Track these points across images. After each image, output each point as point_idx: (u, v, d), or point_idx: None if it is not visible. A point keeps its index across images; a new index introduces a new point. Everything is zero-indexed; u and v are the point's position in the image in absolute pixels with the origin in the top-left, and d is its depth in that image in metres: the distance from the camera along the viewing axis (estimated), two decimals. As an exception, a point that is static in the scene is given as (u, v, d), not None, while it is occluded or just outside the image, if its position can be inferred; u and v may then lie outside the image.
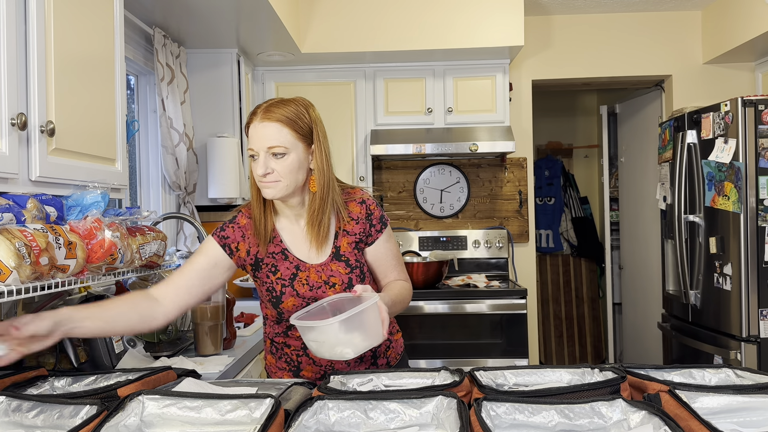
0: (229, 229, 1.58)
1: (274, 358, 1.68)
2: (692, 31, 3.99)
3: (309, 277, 1.56)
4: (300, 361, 1.62)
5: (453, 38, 3.43)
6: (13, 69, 1.35)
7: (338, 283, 1.56)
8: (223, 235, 1.57)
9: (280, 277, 1.56)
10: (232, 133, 3.26)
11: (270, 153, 1.47)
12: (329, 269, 1.57)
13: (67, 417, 1.05)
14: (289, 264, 1.57)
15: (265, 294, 1.59)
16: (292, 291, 1.55)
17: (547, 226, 5.26)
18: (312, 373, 1.62)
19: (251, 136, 1.49)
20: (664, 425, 0.91)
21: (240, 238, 1.58)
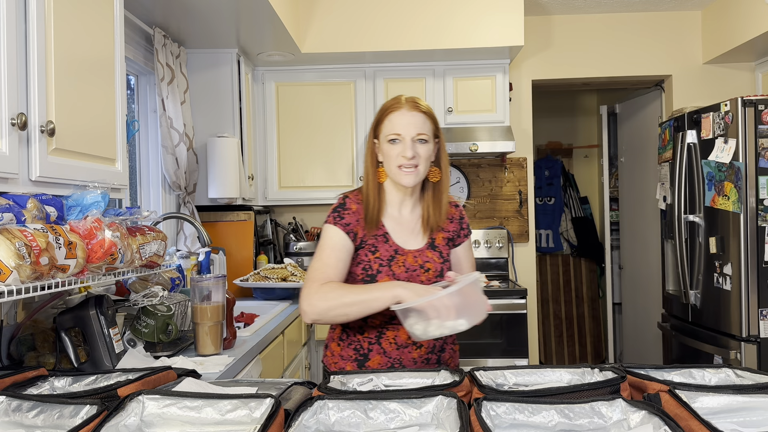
0: (347, 215, 1.65)
1: (339, 347, 1.72)
2: (692, 31, 3.99)
3: (406, 261, 1.66)
4: (371, 350, 1.67)
5: (453, 38, 3.43)
6: (13, 69, 1.36)
7: (432, 269, 1.68)
8: (344, 223, 1.64)
9: (379, 257, 1.65)
10: (232, 133, 3.26)
11: (416, 139, 1.61)
12: (425, 255, 1.68)
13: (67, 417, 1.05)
14: (388, 247, 1.66)
15: (359, 273, 1.65)
16: (388, 271, 1.64)
17: (547, 226, 5.26)
18: (379, 365, 1.67)
19: (397, 121, 1.61)
20: (664, 425, 0.91)
21: (356, 223, 1.65)
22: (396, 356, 1.67)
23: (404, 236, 1.69)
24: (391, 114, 1.63)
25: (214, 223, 3.40)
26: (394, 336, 1.67)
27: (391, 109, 1.63)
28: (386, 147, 1.63)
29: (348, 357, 1.70)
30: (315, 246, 3.72)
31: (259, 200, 3.72)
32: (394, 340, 1.67)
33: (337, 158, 3.74)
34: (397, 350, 1.67)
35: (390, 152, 1.62)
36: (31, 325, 1.79)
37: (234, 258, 3.39)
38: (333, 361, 1.74)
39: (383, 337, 1.67)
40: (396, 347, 1.67)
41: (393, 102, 1.65)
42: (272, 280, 3.11)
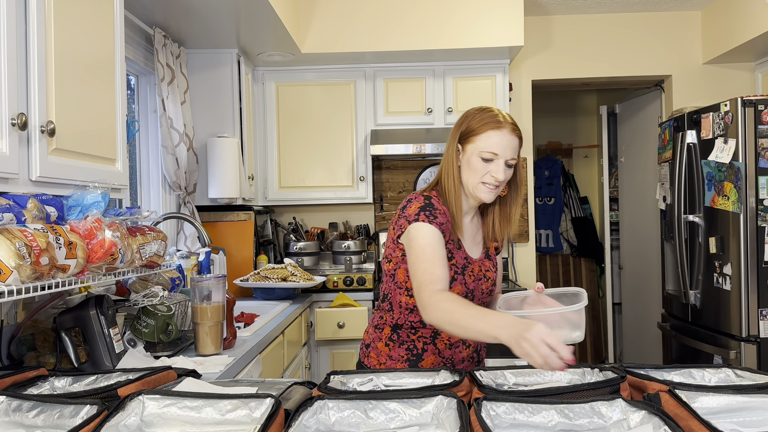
0: (439, 216, 1.60)
1: (389, 348, 1.70)
2: (692, 31, 3.99)
3: (474, 270, 1.68)
4: (425, 350, 1.68)
5: (453, 38, 3.43)
6: (13, 69, 1.36)
7: (491, 278, 1.71)
8: (439, 223, 1.59)
9: (455, 264, 1.64)
10: (232, 133, 3.26)
11: (507, 163, 1.61)
12: (485, 265, 1.71)
13: (67, 417, 1.05)
14: (461, 254, 1.66)
15: None
16: (462, 279, 1.64)
17: (547, 226, 5.26)
18: (432, 364, 1.68)
19: (498, 141, 1.59)
20: (663, 425, 0.91)
21: (447, 223, 1.63)
22: (448, 355, 1.69)
23: (469, 244, 1.71)
24: (493, 131, 1.59)
25: (214, 223, 3.40)
26: (449, 336, 1.67)
27: (494, 126, 1.60)
28: (475, 161, 1.60)
29: (398, 358, 1.69)
30: (315, 246, 3.74)
31: (259, 200, 3.72)
32: (448, 339, 1.68)
33: (337, 158, 3.74)
34: (449, 349, 1.68)
35: (479, 168, 1.60)
36: (32, 325, 1.79)
37: (234, 258, 3.39)
38: (381, 361, 1.70)
39: (438, 338, 1.68)
40: (449, 347, 1.68)
41: (494, 118, 1.61)
42: (272, 280, 3.11)
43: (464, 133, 1.63)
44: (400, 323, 1.69)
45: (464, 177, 1.63)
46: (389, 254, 1.69)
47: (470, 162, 1.61)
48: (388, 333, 1.71)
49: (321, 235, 3.96)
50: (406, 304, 1.67)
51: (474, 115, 1.64)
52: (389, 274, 1.70)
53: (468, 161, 1.61)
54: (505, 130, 1.60)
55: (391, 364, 1.69)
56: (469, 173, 1.62)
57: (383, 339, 1.71)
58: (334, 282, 3.49)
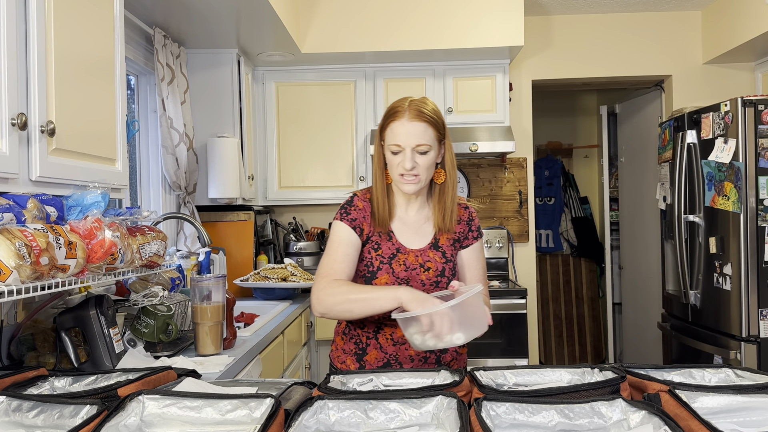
0: (353, 212, 1.68)
1: (343, 341, 1.76)
2: (692, 31, 3.99)
3: (407, 260, 1.68)
4: (368, 344, 1.71)
5: (453, 38, 3.43)
6: (13, 69, 1.36)
7: (433, 268, 1.69)
8: (350, 219, 1.67)
9: (381, 254, 1.67)
10: (232, 133, 3.26)
11: (417, 150, 1.60)
12: (427, 255, 1.69)
13: (67, 417, 1.05)
14: (391, 245, 1.69)
15: (360, 269, 1.68)
16: (388, 268, 1.66)
17: (547, 226, 5.26)
18: (375, 360, 1.70)
19: (398, 132, 1.60)
20: (664, 425, 0.91)
21: (363, 219, 1.69)
22: (392, 352, 1.69)
23: (409, 235, 1.71)
24: (393, 123, 1.61)
25: (214, 223, 3.40)
26: (391, 332, 1.69)
27: (393, 117, 1.61)
28: (389, 156, 1.64)
29: (349, 351, 1.74)
30: (315, 246, 3.74)
31: (259, 200, 3.72)
32: (390, 336, 1.69)
33: (337, 158, 3.74)
34: (393, 346, 1.69)
35: (392, 161, 1.63)
36: (32, 325, 1.79)
37: (234, 258, 3.39)
38: (336, 354, 1.78)
39: (381, 333, 1.70)
40: (392, 343, 1.69)
41: (397, 108, 1.62)
42: (272, 280, 3.11)
43: (379, 131, 1.67)
44: None
45: (389, 172, 1.67)
46: None
47: (387, 158, 1.65)
48: (343, 326, 1.78)
49: (321, 235, 3.96)
50: None
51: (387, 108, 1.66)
52: None
53: (387, 157, 1.65)
54: (403, 119, 1.59)
55: (344, 357, 1.74)
56: (389, 168, 1.66)
57: (340, 332, 1.79)
58: (334, 282, 3.48)
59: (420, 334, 1.39)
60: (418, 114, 1.59)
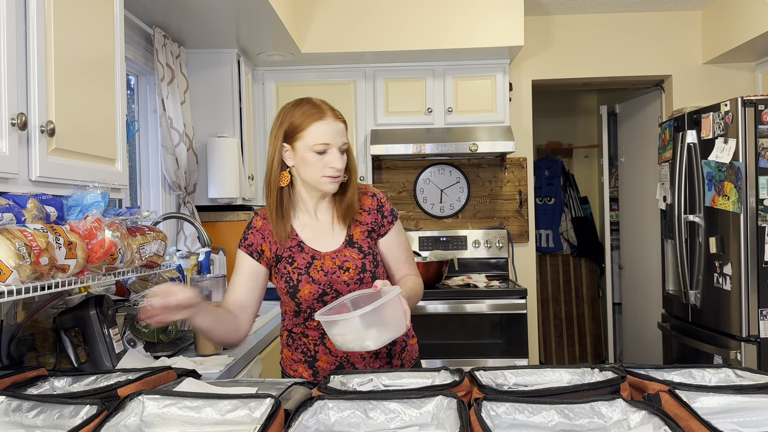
0: (250, 236, 1.68)
1: (290, 351, 1.72)
2: (692, 31, 3.99)
3: (324, 264, 1.64)
4: (317, 350, 1.67)
5: (453, 38, 3.43)
6: (13, 69, 1.36)
7: (352, 267, 1.64)
8: (247, 245, 1.67)
9: (297, 266, 1.64)
10: (232, 133, 3.26)
11: (341, 150, 1.61)
12: (343, 255, 1.65)
13: (67, 417, 1.05)
14: (305, 255, 1.65)
15: (283, 286, 1.65)
16: (308, 278, 1.62)
17: (547, 226, 5.26)
18: (327, 364, 1.67)
19: (325, 131, 1.57)
20: (664, 425, 0.91)
21: (261, 240, 1.66)
22: (342, 354, 1.66)
23: (321, 240, 1.67)
24: (318, 122, 1.57)
25: (214, 223, 3.40)
26: None
27: (318, 117, 1.58)
28: (310, 156, 1.57)
29: (299, 360, 1.70)
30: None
31: (259, 200, 3.72)
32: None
33: (337, 158, 3.74)
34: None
35: (317, 162, 1.57)
36: (31, 325, 1.79)
37: (234, 258, 3.38)
38: (287, 363, 1.74)
39: (326, 338, 1.65)
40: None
41: (315, 108, 1.59)
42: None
43: (289, 132, 1.60)
44: (289, 328, 1.72)
45: (303, 175, 1.61)
46: None
47: (305, 159, 1.58)
48: (285, 337, 1.74)
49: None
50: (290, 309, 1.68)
51: (292, 111, 1.61)
52: None
53: (302, 159, 1.58)
54: (329, 119, 1.59)
55: (296, 366, 1.70)
56: (308, 169, 1.59)
57: (284, 344, 1.76)
58: (334, 282, 3.49)
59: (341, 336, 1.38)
60: (338, 114, 1.63)
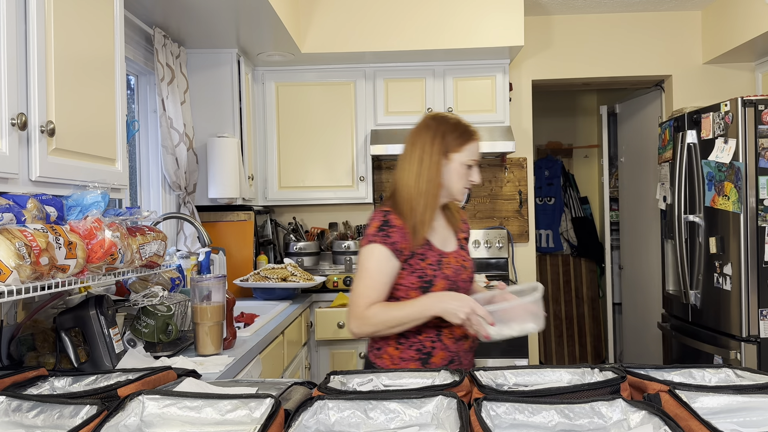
0: (393, 234, 1.72)
1: (399, 350, 1.78)
2: (692, 31, 3.99)
3: (450, 263, 1.79)
4: (433, 347, 1.76)
5: (453, 38, 3.43)
6: (13, 69, 1.36)
7: (468, 267, 1.85)
8: (392, 242, 1.71)
9: (430, 263, 1.75)
10: (232, 133, 3.26)
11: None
12: (461, 256, 1.84)
13: (67, 417, 1.05)
14: (434, 253, 1.77)
15: (415, 281, 1.73)
16: (441, 273, 1.75)
17: (547, 226, 5.26)
18: (441, 360, 1.77)
19: (477, 150, 1.80)
20: (664, 425, 0.91)
21: (402, 239, 1.73)
22: (455, 350, 1.78)
23: (443, 241, 1.82)
24: (474, 143, 1.78)
25: (214, 223, 3.40)
26: (451, 331, 1.77)
27: (473, 138, 1.79)
28: (460, 169, 1.77)
29: (410, 358, 1.76)
30: (315, 246, 3.74)
31: (259, 200, 3.72)
32: (451, 334, 1.77)
33: (337, 158, 3.74)
34: (455, 344, 1.78)
35: (462, 174, 1.77)
36: (31, 325, 1.79)
37: (234, 258, 3.39)
38: (393, 362, 1.79)
39: (442, 334, 1.76)
40: (455, 341, 1.78)
41: (472, 130, 1.80)
42: (272, 280, 3.11)
43: (448, 146, 1.76)
44: None
45: (449, 184, 1.78)
46: None
47: (456, 170, 1.77)
48: (395, 337, 1.78)
49: (321, 235, 3.96)
50: None
51: (448, 127, 1.78)
52: None
53: (454, 170, 1.77)
54: (478, 140, 1.81)
55: (404, 365, 1.78)
56: (454, 180, 1.78)
57: (392, 344, 1.79)
58: (334, 282, 3.49)
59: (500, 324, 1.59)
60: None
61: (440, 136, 1.76)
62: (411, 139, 1.80)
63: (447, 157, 1.76)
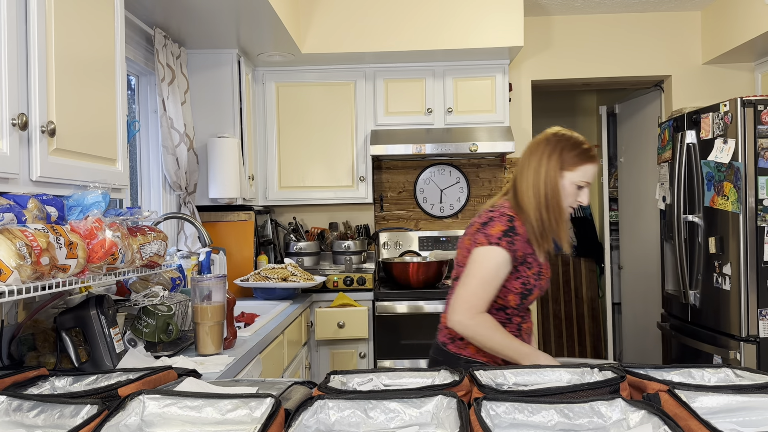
0: (518, 242, 1.76)
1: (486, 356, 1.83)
2: (692, 32, 3.99)
3: (544, 274, 1.85)
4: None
5: (453, 39, 3.43)
6: (14, 69, 1.36)
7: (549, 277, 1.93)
8: (514, 250, 1.75)
9: (534, 272, 1.81)
10: (232, 134, 3.26)
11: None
12: (548, 267, 1.90)
13: (67, 416, 1.05)
14: (536, 262, 1.82)
15: (518, 286, 1.79)
16: (539, 285, 1.82)
17: (546, 226, 5.26)
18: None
19: (592, 173, 1.81)
20: (663, 425, 0.91)
21: (522, 248, 1.77)
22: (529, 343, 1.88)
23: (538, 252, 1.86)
24: (590, 164, 1.80)
25: (215, 223, 3.40)
26: (527, 327, 1.88)
27: (591, 160, 1.80)
28: (571, 187, 1.79)
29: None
30: (315, 246, 3.74)
31: (259, 200, 3.73)
32: (527, 330, 1.88)
33: (338, 158, 3.75)
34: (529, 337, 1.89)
35: (572, 193, 1.80)
36: (32, 325, 1.79)
37: (234, 258, 3.39)
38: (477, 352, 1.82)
39: (522, 329, 1.86)
40: (530, 336, 1.89)
41: (589, 151, 1.81)
42: (273, 280, 3.12)
43: (563, 162, 1.79)
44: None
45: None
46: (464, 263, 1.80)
47: (565, 188, 1.79)
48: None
49: (321, 235, 3.96)
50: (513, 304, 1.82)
51: (567, 145, 1.80)
52: None
53: (563, 187, 1.79)
54: (596, 164, 1.82)
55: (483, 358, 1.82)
56: (562, 197, 1.79)
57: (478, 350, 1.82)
58: (334, 282, 3.49)
59: None
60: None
61: (558, 152, 1.79)
62: (530, 148, 1.85)
63: (561, 174, 1.79)
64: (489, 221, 1.77)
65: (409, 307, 3.37)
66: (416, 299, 3.36)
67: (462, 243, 1.85)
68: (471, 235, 1.80)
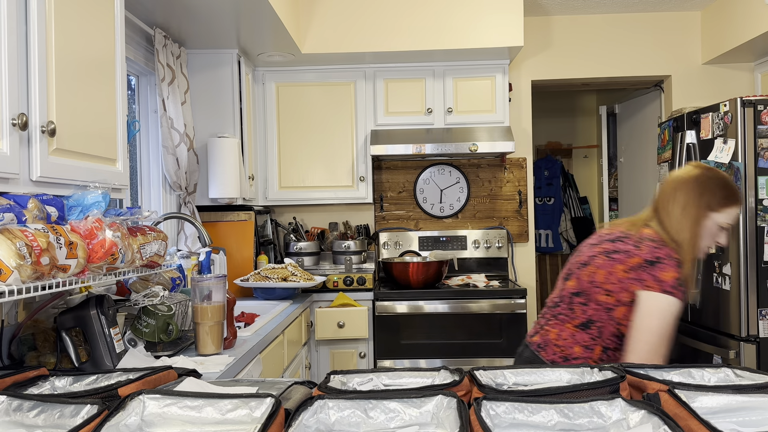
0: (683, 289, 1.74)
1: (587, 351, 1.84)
2: (692, 32, 3.99)
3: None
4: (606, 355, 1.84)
5: (453, 39, 3.43)
6: (14, 69, 1.36)
7: None
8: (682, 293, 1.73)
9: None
10: (232, 134, 3.26)
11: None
12: None
13: (67, 416, 1.05)
14: None
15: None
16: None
17: (546, 226, 5.27)
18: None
19: (736, 217, 1.80)
20: (663, 425, 0.91)
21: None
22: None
23: None
24: (737, 208, 1.78)
25: (215, 223, 3.40)
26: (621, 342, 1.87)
27: (738, 203, 1.78)
28: (714, 228, 1.77)
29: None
30: (315, 246, 3.74)
31: (259, 200, 3.73)
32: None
33: (337, 158, 3.75)
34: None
35: (715, 233, 1.78)
36: (32, 325, 1.79)
37: (234, 258, 3.39)
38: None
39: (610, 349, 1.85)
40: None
41: (738, 192, 1.79)
42: (273, 280, 3.12)
43: (711, 204, 1.77)
44: (607, 346, 1.83)
45: (699, 240, 1.78)
46: (613, 290, 1.77)
47: (708, 228, 1.77)
48: (599, 352, 1.83)
49: (321, 235, 3.96)
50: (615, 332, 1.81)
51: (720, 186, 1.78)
52: (605, 307, 1.79)
53: (706, 226, 1.77)
54: (741, 207, 1.81)
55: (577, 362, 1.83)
56: (705, 237, 1.78)
57: (594, 358, 1.84)
58: (335, 282, 3.49)
59: None
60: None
61: (709, 191, 1.76)
62: (678, 183, 1.80)
63: (706, 215, 1.76)
64: (657, 262, 1.71)
65: (409, 307, 3.37)
66: (416, 299, 3.37)
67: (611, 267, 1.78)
68: (632, 269, 1.74)
